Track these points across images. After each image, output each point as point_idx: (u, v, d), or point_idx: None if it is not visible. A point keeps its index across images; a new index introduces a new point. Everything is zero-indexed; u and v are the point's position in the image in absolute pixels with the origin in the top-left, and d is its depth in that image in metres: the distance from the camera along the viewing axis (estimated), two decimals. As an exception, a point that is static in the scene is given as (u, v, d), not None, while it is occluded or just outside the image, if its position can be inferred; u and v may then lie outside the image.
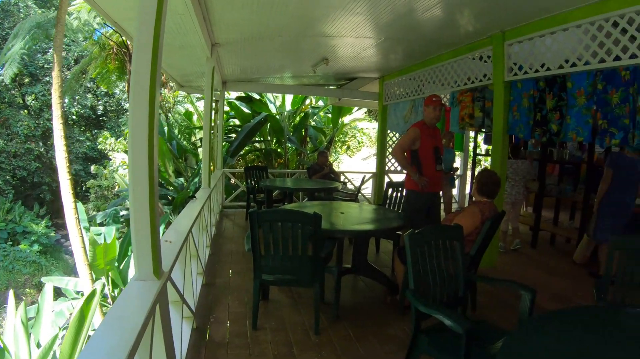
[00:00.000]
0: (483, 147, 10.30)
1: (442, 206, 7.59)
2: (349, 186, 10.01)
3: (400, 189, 5.73)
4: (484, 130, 6.88)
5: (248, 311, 3.93)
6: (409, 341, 2.56)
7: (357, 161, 19.89)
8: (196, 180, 12.66)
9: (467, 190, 10.09)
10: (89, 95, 24.99)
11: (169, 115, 17.16)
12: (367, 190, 10.76)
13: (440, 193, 5.12)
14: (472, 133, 11.11)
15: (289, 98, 14.34)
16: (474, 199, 3.98)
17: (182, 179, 13.91)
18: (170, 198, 12.64)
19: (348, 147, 18.87)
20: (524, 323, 2.32)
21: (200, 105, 15.06)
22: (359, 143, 19.22)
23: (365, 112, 17.47)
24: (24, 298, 16.20)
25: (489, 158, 7.20)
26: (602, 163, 6.22)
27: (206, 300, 4.31)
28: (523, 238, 7.04)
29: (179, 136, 15.62)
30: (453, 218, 3.80)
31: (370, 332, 3.72)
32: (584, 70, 4.56)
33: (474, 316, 3.99)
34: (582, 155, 7.15)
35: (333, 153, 17.04)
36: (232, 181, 10.38)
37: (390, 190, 5.85)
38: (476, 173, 5.34)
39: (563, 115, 4.92)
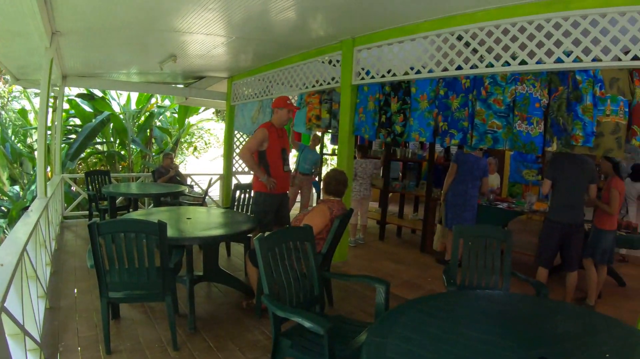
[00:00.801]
0: (330, 147, 10.55)
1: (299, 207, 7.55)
2: (196, 189, 9.52)
3: (248, 191, 5.68)
4: (330, 131, 6.99)
5: (99, 333, 3.53)
6: (271, 346, 2.48)
7: (204, 162, 19.08)
8: (33, 187, 10.82)
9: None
10: None
11: (2, 113, 14.63)
12: (216, 192, 10.51)
13: (288, 192, 5.05)
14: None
15: (134, 96, 13.48)
16: (322, 198, 4.03)
17: (17, 187, 12.35)
18: (5, 209, 11.27)
19: (195, 149, 17.92)
20: (382, 315, 2.35)
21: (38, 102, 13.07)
22: (206, 144, 18.38)
23: (213, 112, 16.75)
24: None
25: (335, 158, 7.42)
26: (441, 161, 6.98)
27: (52, 326, 3.76)
28: (371, 232, 7.45)
29: (14, 138, 13.69)
30: (303, 218, 3.81)
31: (230, 340, 3.60)
32: (427, 77, 4.92)
33: (332, 312, 4.07)
34: (423, 153, 7.69)
35: (179, 155, 16.16)
36: (73, 188, 9.15)
37: (238, 192, 5.75)
38: (324, 172, 5.36)
39: (407, 118, 5.27)
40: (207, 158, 19.67)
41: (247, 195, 5.76)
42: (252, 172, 4.92)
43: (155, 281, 3.27)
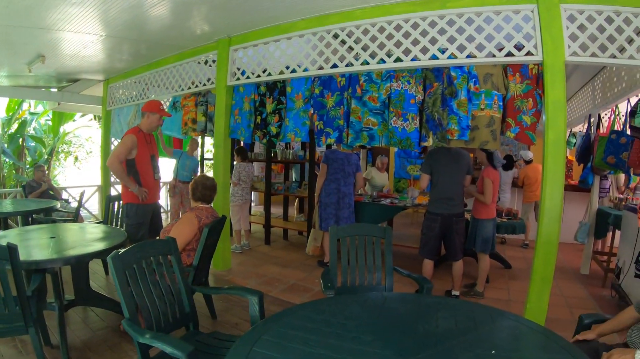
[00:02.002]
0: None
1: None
2: (73, 203, 7.88)
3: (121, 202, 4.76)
4: (207, 134, 6.03)
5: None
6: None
7: (87, 173, 16.36)
8: None
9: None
10: None
11: None
12: (95, 205, 9.27)
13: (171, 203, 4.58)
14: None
15: (4, 102, 11.33)
16: (191, 205, 3.55)
17: None
18: None
19: (76, 159, 15.30)
20: (243, 335, 1.90)
21: None
22: (87, 153, 15.81)
23: (91, 119, 14.30)
24: None
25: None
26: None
27: None
28: (257, 237, 6.93)
29: None
30: (170, 229, 3.29)
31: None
32: (303, 76, 4.44)
33: (215, 325, 3.64)
34: (304, 154, 7.17)
35: (57, 167, 13.65)
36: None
37: (111, 204, 4.93)
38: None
39: (282, 118, 4.73)
40: (89, 168, 16.73)
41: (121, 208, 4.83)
42: (121, 182, 4.14)
43: (14, 312, 2.60)
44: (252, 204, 8.57)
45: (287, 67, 4.47)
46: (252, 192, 7.20)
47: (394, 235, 5.87)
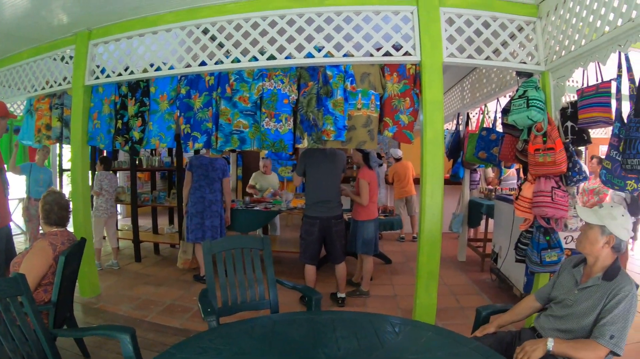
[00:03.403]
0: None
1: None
2: None
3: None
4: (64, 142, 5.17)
5: None
6: None
7: None
8: None
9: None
10: None
11: None
12: None
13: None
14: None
15: None
16: (43, 231, 2.93)
17: None
18: None
19: None
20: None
21: None
22: None
23: None
24: None
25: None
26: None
27: None
28: (127, 254, 6.27)
29: None
30: (21, 261, 2.65)
31: None
32: (168, 75, 3.98)
33: None
34: (171, 161, 6.62)
35: None
36: None
37: None
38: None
39: (145, 122, 4.15)
40: None
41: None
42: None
43: None
44: (119, 217, 7.80)
45: (152, 65, 3.97)
46: (118, 205, 6.52)
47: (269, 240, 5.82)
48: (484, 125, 5.25)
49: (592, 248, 2.09)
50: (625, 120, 2.52)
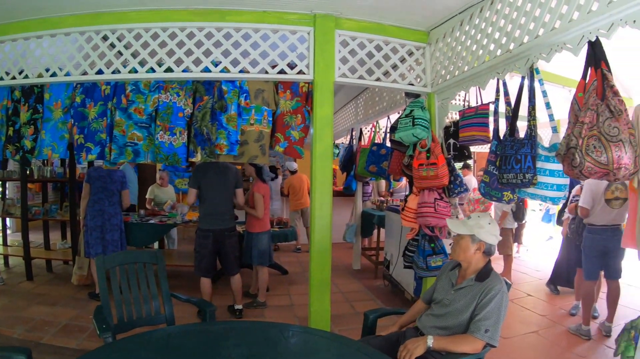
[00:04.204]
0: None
1: None
2: None
3: None
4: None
5: None
6: None
7: None
8: None
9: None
10: None
11: None
12: None
13: None
14: None
15: None
16: None
17: None
18: None
19: None
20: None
21: None
22: None
23: None
24: None
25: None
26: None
27: None
28: (17, 271, 6.08)
29: None
30: None
31: None
32: (64, 81, 3.92)
33: None
34: (64, 172, 6.42)
35: None
36: None
37: None
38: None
39: (38, 130, 4.11)
40: None
41: None
42: None
43: None
44: (8, 231, 7.56)
45: (47, 70, 3.92)
46: (7, 218, 6.50)
47: (167, 253, 6.08)
48: (375, 141, 5.74)
49: (465, 255, 2.39)
50: (502, 139, 2.85)
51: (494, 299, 2.19)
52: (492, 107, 3.17)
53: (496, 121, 3.08)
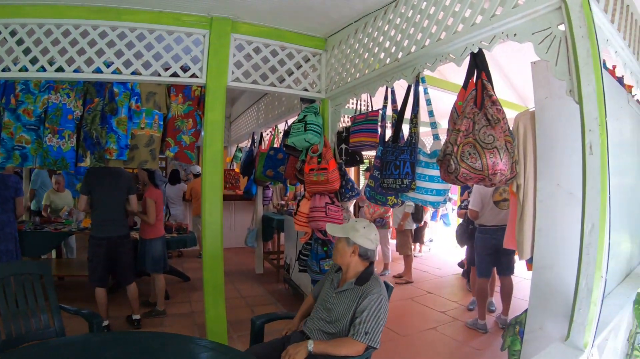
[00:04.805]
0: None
1: None
2: None
3: None
4: None
5: None
6: None
7: None
8: None
9: None
10: None
11: None
12: None
13: None
14: None
15: None
16: None
17: None
18: None
19: None
20: None
21: None
22: None
23: None
24: None
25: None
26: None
27: None
28: None
29: None
30: None
31: None
32: None
33: None
34: None
35: None
36: None
37: None
38: None
39: None
40: None
41: None
42: None
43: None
44: None
45: None
46: None
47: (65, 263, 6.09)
48: (274, 145, 5.98)
49: (343, 258, 2.53)
50: (385, 145, 3.08)
51: (373, 302, 2.32)
52: (381, 114, 3.47)
53: (383, 127, 3.38)
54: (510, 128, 2.29)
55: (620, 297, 2.62)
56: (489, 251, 4.36)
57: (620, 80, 3.30)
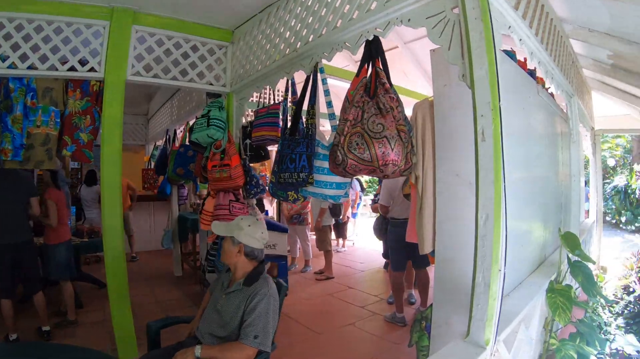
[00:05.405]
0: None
1: None
2: None
3: None
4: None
5: None
6: None
7: None
8: None
9: None
10: None
11: None
12: None
13: None
14: None
15: None
16: None
17: None
18: None
19: None
20: None
21: None
22: None
23: None
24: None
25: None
26: None
27: None
28: None
29: None
30: None
31: None
32: None
33: None
34: None
35: None
36: None
37: None
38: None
39: None
40: None
41: None
42: None
43: None
44: None
45: None
46: None
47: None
48: (186, 142, 5.72)
49: (229, 258, 2.47)
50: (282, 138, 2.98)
51: (260, 303, 2.27)
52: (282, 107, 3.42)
53: (284, 120, 3.27)
54: (408, 117, 2.22)
55: (530, 287, 2.70)
56: (402, 245, 4.28)
57: (532, 72, 3.33)
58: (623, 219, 13.00)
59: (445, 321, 2.16)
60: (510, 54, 2.94)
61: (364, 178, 12.91)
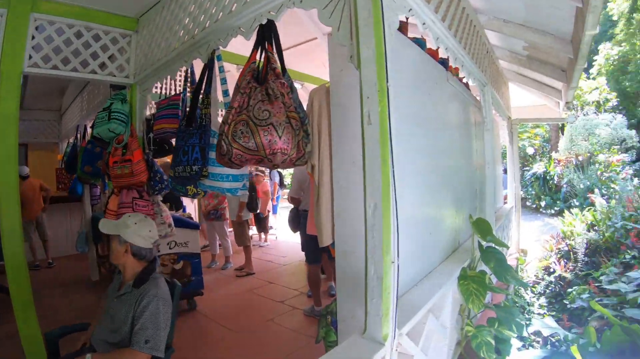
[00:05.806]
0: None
1: None
2: None
3: None
4: None
5: None
6: None
7: None
8: None
9: None
10: None
11: None
12: None
13: None
14: None
15: None
16: None
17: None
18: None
19: None
20: None
21: None
22: None
23: None
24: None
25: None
26: None
27: None
28: None
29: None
30: None
31: None
32: None
33: None
34: None
35: None
36: None
37: None
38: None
39: None
40: None
41: None
42: None
43: None
44: None
45: None
46: None
47: None
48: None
49: (117, 258, 2.32)
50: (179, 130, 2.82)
51: (149, 306, 2.14)
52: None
53: (183, 111, 3.13)
54: (302, 104, 2.12)
55: (439, 276, 2.68)
56: (314, 237, 4.33)
57: (444, 61, 3.33)
58: (543, 204, 13.60)
59: (351, 315, 2.06)
60: (420, 41, 2.93)
61: (287, 171, 12.83)
